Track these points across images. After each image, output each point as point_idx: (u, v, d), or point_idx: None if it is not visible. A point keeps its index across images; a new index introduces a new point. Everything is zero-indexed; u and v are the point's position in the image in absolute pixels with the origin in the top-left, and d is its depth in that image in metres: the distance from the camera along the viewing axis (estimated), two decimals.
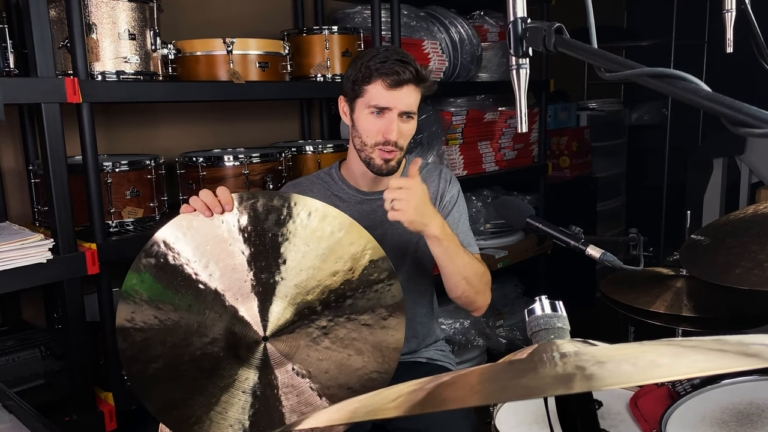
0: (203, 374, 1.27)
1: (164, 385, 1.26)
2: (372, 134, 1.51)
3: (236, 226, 1.27)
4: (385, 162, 1.53)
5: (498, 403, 1.33)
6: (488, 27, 3.12)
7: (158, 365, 1.24)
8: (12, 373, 1.72)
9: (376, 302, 1.32)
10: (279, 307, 1.28)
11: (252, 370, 1.29)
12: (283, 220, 1.28)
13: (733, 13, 1.29)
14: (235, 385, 1.28)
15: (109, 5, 1.81)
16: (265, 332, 1.27)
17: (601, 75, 0.75)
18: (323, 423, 0.55)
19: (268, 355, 1.28)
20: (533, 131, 3.36)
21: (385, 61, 1.47)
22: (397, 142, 1.51)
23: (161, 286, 1.24)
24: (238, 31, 2.32)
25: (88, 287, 1.86)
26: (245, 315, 1.27)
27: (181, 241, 1.25)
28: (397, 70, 1.46)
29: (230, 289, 1.26)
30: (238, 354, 1.27)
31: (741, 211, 1.70)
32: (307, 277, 1.28)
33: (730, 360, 0.52)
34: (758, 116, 0.59)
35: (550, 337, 0.71)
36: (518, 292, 3.40)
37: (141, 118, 2.38)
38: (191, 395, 1.26)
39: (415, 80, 1.49)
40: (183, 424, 1.26)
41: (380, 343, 1.32)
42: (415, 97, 1.51)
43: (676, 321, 1.70)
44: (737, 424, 1.14)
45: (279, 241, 1.27)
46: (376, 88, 1.48)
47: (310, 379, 1.30)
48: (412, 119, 1.53)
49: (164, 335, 1.24)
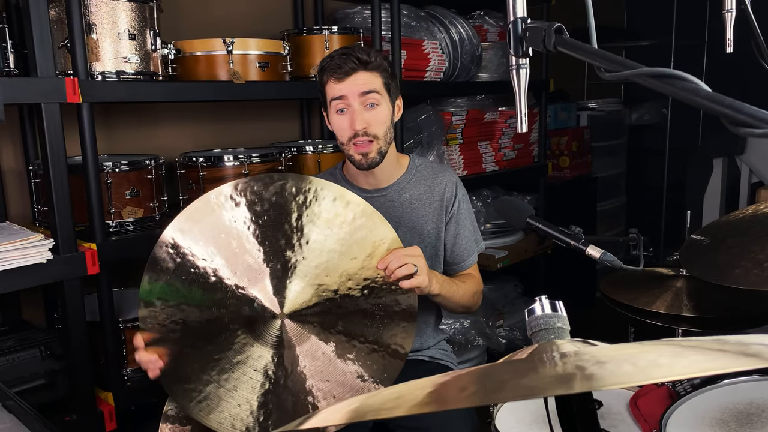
0: (218, 348, 1.30)
1: (179, 357, 1.29)
2: (342, 131, 1.54)
3: (259, 204, 1.31)
4: (363, 156, 1.54)
5: (498, 403, 1.33)
6: (488, 27, 3.12)
7: (176, 336, 1.28)
8: (12, 373, 1.71)
9: (392, 299, 1.36)
10: (298, 287, 1.32)
11: (266, 348, 1.32)
12: (309, 202, 1.33)
13: (733, 13, 1.29)
14: (248, 363, 1.31)
15: (109, 5, 1.81)
16: (282, 309, 1.31)
17: (601, 75, 0.75)
18: (323, 423, 0.55)
19: (283, 333, 1.32)
20: (533, 131, 3.36)
21: (331, 59, 1.52)
22: (367, 131, 1.51)
23: (178, 283, 1.28)
24: (238, 31, 2.32)
25: (88, 287, 1.86)
26: (264, 291, 1.31)
27: (190, 235, 1.29)
28: (339, 63, 1.50)
29: (250, 267, 1.30)
30: (255, 330, 1.31)
31: (741, 211, 1.70)
32: (328, 259, 1.33)
33: (730, 360, 0.52)
34: (758, 116, 0.59)
35: (550, 337, 0.71)
36: (518, 292, 3.40)
37: (141, 118, 2.38)
38: (203, 369, 1.29)
39: (360, 66, 1.50)
40: (191, 400, 1.29)
41: (389, 341, 1.35)
42: (371, 79, 1.51)
43: (676, 321, 1.70)
44: (737, 424, 1.14)
45: (303, 222, 1.32)
46: (330, 86, 1.53)
47: (321, 362, 1.33)
48: (377, 105, 1.53)
49: (185, 315, 1.28)
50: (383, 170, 1.61)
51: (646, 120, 4.85)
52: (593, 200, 4.07)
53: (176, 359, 1.28)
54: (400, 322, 1.37)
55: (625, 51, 4.84)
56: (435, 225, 1.65)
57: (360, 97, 1.51)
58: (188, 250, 1.28)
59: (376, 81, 1.52)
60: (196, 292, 1.28)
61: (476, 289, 1.66)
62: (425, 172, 1.68)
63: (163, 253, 1.27)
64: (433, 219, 1.65)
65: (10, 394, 1.12)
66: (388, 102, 1.55)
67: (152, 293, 1.27)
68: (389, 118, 1.56)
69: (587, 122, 4.18)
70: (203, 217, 1.29)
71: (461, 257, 1.68)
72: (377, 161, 1.55)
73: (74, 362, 1.76)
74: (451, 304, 1.58)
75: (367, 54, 1.51)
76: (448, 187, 1.66)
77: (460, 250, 1.68)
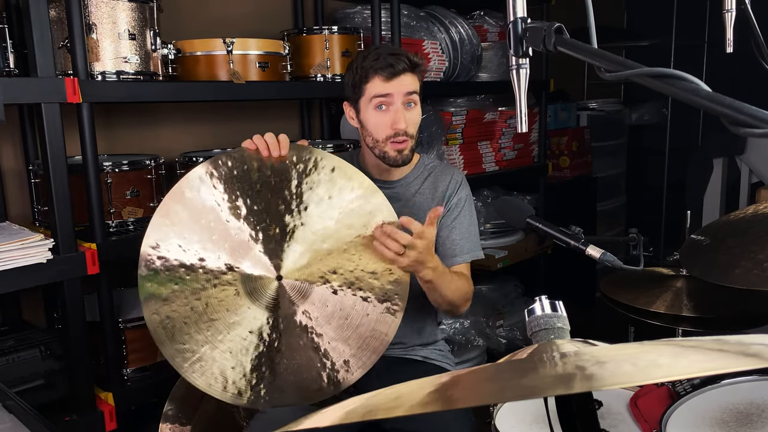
0: (214, 310, 1.33)
1: (175, 318, 1.32)
2: (381, 129, 1.57)
3: (268, 169, 1.38)
4: (399, 152, 1.58)
5: (498, 403, 1.33)
6: (488, 27, 3.12)
7: (173, 296, 1.32)
8: (12, 373, 1.71)
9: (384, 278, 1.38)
10: (296, 251, 1.36)
11: (262, 310, 1.35)
12: (309, 170, 1.39)
13: (733, 13, 1.29)
14: (244, 324, 1.34)
15: (109, 5, 1.80)
16: (279, 272, 1.35)
17: (601, 75, 0.75)
18: (323, 423, 0.55)
19: (279, 295, 1.35)
20: (533, 131, 3.36)
21: (378, 58, 1.55)
22: (407, 130, 1.56)
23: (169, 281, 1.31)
24: (238, 31, 2.32)
25: (88, 287, 1.86)
26: (262, 253, 1.35)
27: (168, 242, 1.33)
28: (391, 62, 1.54)
29: (247, 230, 1.35)
30: (252, 292, 1.35)
31: (741, 211, 1.70)
32: (325, 226, 1.37)
33: (730, 360, 0.52)
34: (758, 116, 0.59)
35: (550, 337, 0.71)
36: (518, 292, 3.40)
37: (141, 118, 2.38)
38: (199, 330, 1.32)
39: (410, 68, 1.56)
40: (185, 360, 1.31)
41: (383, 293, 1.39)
42: (414, 81, 1.58)
43: (676, 321, 1.70)
44: (737, 424, 1.14)
45: (303, 189, 1.38)
46: (375, 84, 1.55)
47: (315, 326, 1.36)
48: (415, 106, 1.59)
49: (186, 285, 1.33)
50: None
51: (646, 120, 4.85)
52: (593, 200, 4.06)
53: (172, 318, 1.31)
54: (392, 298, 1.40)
55: (625, 51, 4.84)
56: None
57: (404, 96, 1.55)
58: (170, 255, 1.32)
59: (417, 83, 1.59)
60: (189, 282, 1.33)
61: (467, 290, 1.62)
62: (433, 171, 1.71)
63: (144, 269, 1.32)
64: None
65: (10, 394, 1.12)
66: (420, 103, 1.61)
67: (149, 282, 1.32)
68: (420, 118, 1.63)
69: (587, 122, 4.17)
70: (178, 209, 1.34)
71: (452, 251, 1.64)
72: (410, 158, 1.61)
73: (74, 362, 1.76)
74: (436, 295, 1.53)
75: (414, 56, 1.58)
76: (451, 184, 1.68)
77: (452, 243, 1.64)
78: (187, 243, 1.32)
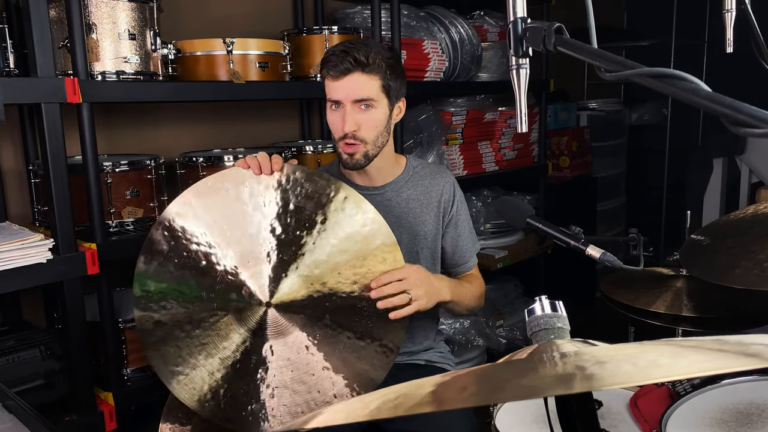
0: (205, 333, 1.34)
1: (168, 339, 1.33)
2: (335, 129, 1.51)
3: (274, 193, 1.37)
4: (349, 156, 1.50)
5: (498, 403, 1.33)
6: (488, 27, 3.12)
7: (165, 319, 1.34)
8: (12, 373, 1.71)
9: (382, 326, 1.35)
10: (292, 281, 1.34)
11: (245, 333, 1.34)
12: (324, 202, 1.36)
13: (733, 13, 1.29)
14: (228, 338, 1.34)
15: (109, 5, 1.80)
16: (270, 298, 1.34)
17: (601, 75, 0.75)
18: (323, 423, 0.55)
19: (265, 322, 1.34)
20: (533, 131, 3.36)
21: (331, 54, 1.46)
22: (356, 134, 1.47)
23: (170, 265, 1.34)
24: (238, 31, 2.32)
25: (88, 287, 1.85)
26: (257, 277, 1.34)
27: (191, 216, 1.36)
28: (336, 61, 1.44)
29: (246, 253, 1.34)
30: (241, 314, 1.35)
31: (741, 211, 1.70)
32: (327, 259, 1.35)
33: (730, 360, 0.52)
34: (758, 116, 0.59)
35: (550, 337, 0.71)
36: (518, 292, 3.40)
37: (141, 118, 2.38)
38: (191, 353, 1.33)
39: (357, 67, 1.43)
40: (178, 382, 1.33)
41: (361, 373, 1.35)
42: (365, 83, 1.45)
43: (676, 321, 1.70)
44: (737, 424, 1.14)
45: (315, 219, 1.36)
46: (327, 83, 1.49)
47: (291, 363, 1.35)
48: (372, 108, 1.47)
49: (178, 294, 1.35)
50: (379, 169, 1.59)
51: (646, 120, 4.85)
52: (593, 200, 4.06)
53: (165, 341, 1.32)
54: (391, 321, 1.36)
55: (625, 51, 4.84)
56: (433, 227, 1.63)
57: (351, 101, 1.46)
58: (182, 233, 1.34)
59: (373, 85, 1.46)
60: (188, 277, 1.34)
61: (482, 291, 1.66)
62: (422, 173, 1.66)
63: (159, 235, 1.34)
64: (431, 221, 1.63)
65: (10, 394, 1.12)
66: (385, 105, 1.50)
67: (146, 275, 1.34)
68: (384, 121, 1.50)
69: (587, 122, 4.18)
70: (212, 196, 1.36)
71: (464, 258, 1.68)
72: (361, 164, 1.51)
73: (74, 362, 1.76)
74: (460, 308, 1.57)
75: (366, 54, 1.43)
76: (446, 189, 1.65)
77: (462, 252, 1.67)
78: (211, 226, 1.34)
